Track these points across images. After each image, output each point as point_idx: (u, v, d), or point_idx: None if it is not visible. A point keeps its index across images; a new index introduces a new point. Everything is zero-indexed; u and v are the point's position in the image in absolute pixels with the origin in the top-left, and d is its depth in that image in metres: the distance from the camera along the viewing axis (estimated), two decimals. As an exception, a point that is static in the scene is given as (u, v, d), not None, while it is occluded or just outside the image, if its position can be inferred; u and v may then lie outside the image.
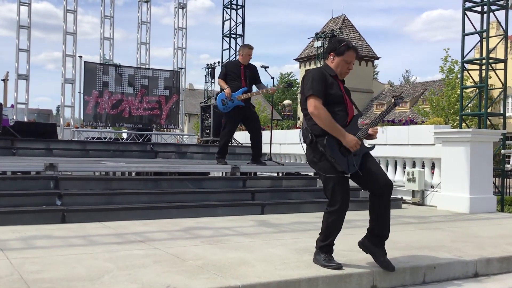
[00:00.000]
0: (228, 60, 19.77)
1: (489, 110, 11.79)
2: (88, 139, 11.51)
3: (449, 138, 8.18)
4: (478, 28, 11.75)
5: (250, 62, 7.76)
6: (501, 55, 12.28)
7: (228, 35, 20.59)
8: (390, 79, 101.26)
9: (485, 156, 8.08)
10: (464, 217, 7.20)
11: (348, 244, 4.12)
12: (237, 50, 16.11)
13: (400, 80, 70.73)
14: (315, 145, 3.81)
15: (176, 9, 14.39)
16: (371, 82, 46.85)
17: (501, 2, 11.34)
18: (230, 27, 20.52)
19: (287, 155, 11.91)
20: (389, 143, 9.20)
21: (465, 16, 11.60)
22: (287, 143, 11.62)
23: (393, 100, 4.07)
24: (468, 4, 11.54)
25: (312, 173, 8.16)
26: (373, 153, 4.02)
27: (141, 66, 13.45)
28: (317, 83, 3.77)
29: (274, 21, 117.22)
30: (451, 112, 26.45)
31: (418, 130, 9.11)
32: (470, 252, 4.61)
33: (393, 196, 8.22)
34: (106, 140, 11.75)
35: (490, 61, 11.58)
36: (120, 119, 12.13)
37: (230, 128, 7.86)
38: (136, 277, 3.36)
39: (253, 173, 8.46)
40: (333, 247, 3.90)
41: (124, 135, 13.86)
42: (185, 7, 14.38)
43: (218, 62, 24.86)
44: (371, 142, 4.05)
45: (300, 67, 46.73)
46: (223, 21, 20.85)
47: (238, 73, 7.63)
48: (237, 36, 20.42)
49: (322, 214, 3.94)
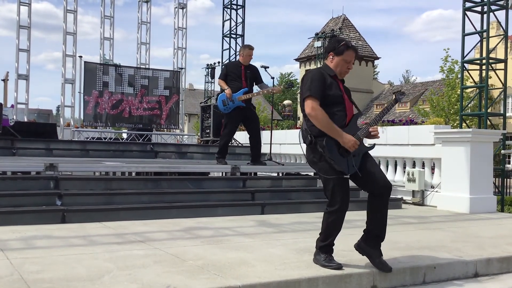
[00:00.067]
0: (229, 61, 19.78)
1: (489, 110, 11.79)
2: (88, 139, 11.50)
3: (449, 138, 8.18)
4: (478, 28, 11.76)
5: (251, 63, 7.76)
6: (501, 55, 12.29)
7: (228, 35, 20.59)
8: (390, 79, 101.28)
9: (485, 156, 8.08)
10: (464, 217, 7.20)
11: (348, 244, 4.12)
12: (238, 51, 16.12)
13: (400, 80, 70.87)
14: (315, 146, 3.80)
15: (176, 9, 14.39)
16: (371, 82, 46.85)
17: (501, 2, 11.34)
18: (230, 27, 20.52)
19: (287, 155, 11.91)
20: (389, 143, 9.20)
21: (465, 16, 11.61)
22: (287, 143, 11.62)
23: (394, 97, 4.01)
24: (468, 4, 11.55)
25: (312, 173, 8.16)
26: (373, 153, 4.02)
27: (141, 66, 13.45)
28: (316, 84, 3.76)
29: (274, 21, 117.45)
30: (451, 112, 26.46)
31: (418, 130, 9.12)
32: (470, 252, 4.61)
33: (393, 196, 8.25)
34: (106, 140, 11.75)
35: (490, 61, 11.58)
36: (120, 119, 12.12)
37: (231, 129, 7.86)
38: (136, 277, 3.36)
39: (253, 173, 8.46)
40: (333, 247, 3.91)
41: (124, 135, 13.85)
42: (185, 7, 14.38)
43: (218, 62, 24.87)
44: (372, 141, 4.05)
45: (300, 67, 46.72)
46: (223, 21, 20.86)
47: (239, 74, 7.62)
48: (237, 36, 20.42)
49: (322, 214, 3.94)
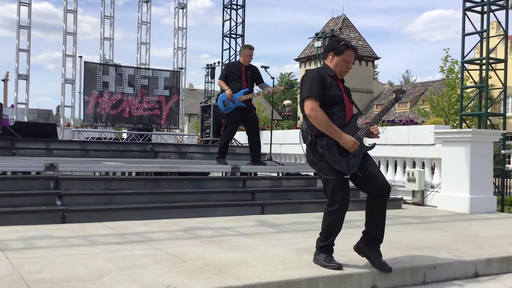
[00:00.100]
0: (229, 61, 19.79)
1: (489, 110, 11.79)
2: (88, 139, 11.50)
3: (449, 138, 8.18)
4: (478, 28, 11.76)
5: (251, 63, 7.75)
6: (501, 55, 12.28)
7: (228, 35, 20.59)
8: (390, 79, 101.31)
9: (485, 156, 8.08)
10: (464, 217, 7.20)
11: (348, 244, 4.11)
12: (238, 51, 16.12)
13: (400, 80, 70.86)
14: (315, 146, 3.80)
15: (176, 9, 14.39)
16: (371, 82, 46.85)
17: (501, 2, 11.34)
18: (230, 27, 20.53)
19: (287, 155, 11.91)
20: (389, 143, 9.20)
21: (465, 16, 11.61)
22: (287, 143, 11.62)
23: (395, 95, 3.95)
24: (468, 4, 11.55)
25: (312, 173, 8.16)
26: (373, 153, 4.02)
27: (141, 66, 13.44)
28: (315, 85, 3.76)
29: (274, 21, 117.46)
30: (451, 112, 26.45)
31: (418, 130, 9.11)
32: (470, 252, 4.61)
33: (393, 196, 8.26)
34: (106, 140, 11.75)
35: (490, 61, 11.58)
36: (120, 119, 12.12)
37: (231, 129, 7.86)
38: (136, 277, 3.36)
39: (253, 173, 8.46)
40: (333, 247, 3.91)
41: (124, 135, 13.84)
42: (185, 7, 14.38)
43: (218, 62, 24.88)
44: (372, 141, 4.04)
45: (300, 67, 46.71)
46: (223, 21, 20.87)
47: (239, 74, 7.61)
48: (237, 36, 20.43)
49: (322, 214, 3.95)
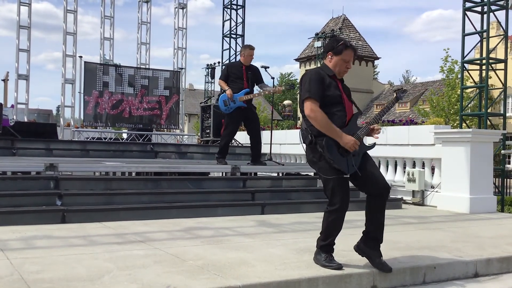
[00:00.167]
0: (229, 61, 19.79)
1: (489, 110, 11.79)
2: (88, 139, 11.50)
3: (449, 138, 8.18)
4: (478, 28, 11.76)
5: (252, 63, 7.75)
6: (501, 55, 12.28)
7: (228, 35, 20.60)
8: (390, 79, 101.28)
9: (485, 156, 8.08)
10: (464, 217, 7.20)
11: (348, 244, 4.11)
12: (238, 51, 16.12)
13: (400, 80, 70.86)
14: (315, 146, 3.81)
15: (176, 9, 14.39)
16: (371, 82, 46.84)
17: (501, 2, 11.35)
18: (230, 27, 20.54)
19: (287, 155, 11.91)
20: (389, 143, 9.20)
21: (465, 16, 11.62)
22: (287, 143, 11.62)
23: (395, 95, 3.94)
24: (468, 4, 11.55)
25: (312, 173, 8.16)
26: (373, 153, 4.02)
27: (141, 66, 13.44)
28: (314, 85, 3.76)
29: (274, 21, 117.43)
30: (451, 112, 26.45)
31: (418, 130, 9.11)
32: (470, 252, 4.61)
33: (393, 196, 8.27)
34: (106, 140, 11.75)
35: (490, 61, 11.58)
36: (120, 119, 12.12)
37: (232, 129, 7.86)
38: (136, 277, 3.36)
39: (253, 173, 8.46)
40: (334, 247, 3.91)
41: (124, 135, 13.84)
42: (185, 7, 14.37)
43: (218, 62, 24.87)
44: (373, 139, 4.04)
45: (300, 67, 46.71)
46: (223, 21, 20.88)
47: (240, 74, 7.60)
48: (237, 36, 20.43)
49: (322, 214, 3.95)
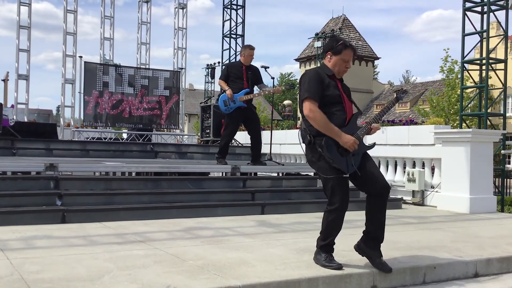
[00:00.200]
0: (229, 61, 19.78)
1: (489, 110, 11.79)
2: (88, 139, 11.50)
3: (449, 138, 8.18)
4: (478, 28, 11.76)
5: (252, 64, 7.74)
6: (501, 55, 12.28)
7: (228, 35, 20.60)
8: (390, 79, 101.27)
9: (485, 156, 8.08)
10: (464, 217, 7.20)
11: (348, 244, 4.12)
12: (238, 51, 16.12)
13: (400, 80, 70.87)
14: (314, 146, 3.81)
15: (176, 9, 14.38)
16: (371, 82, 46.84)
17: (501, 2, 11.35)
18: (230, 27, 20.54)
19: (287, 155, 11.91)
20: (389, 143, 9.20)
21: (465, 16, 11.61)
22: (287, 143, 11.62)
23: (396, 95, 3.95)
24: (468, 4, 11.55)
25: (312, 173, 8.16)
26: (373, 153, 4.02)
27: (141, 66, 13.44)
28: (313, 85, 3.76)
29: (274, 21, 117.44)
30: (451, 112, 26.46)
31: (418, 130, 9.11)
32: (470, 252, 4.61)
33: (393, 196, 8.27)
34: (106, 140, 11.75)
35: (490, 61, 11.58)
36: (120, 119, 12.12)
37: (232, 129, 7.86)
38: (136, 277, 3.36)
39: (253, 173, 8.46)
40: (334, 247, 3.91)
41: (124, 135, 13.84)
42: (185, 7, 14.37)
43: (218, 62, 24.88)
44: (372, 141, 4.04)
45: (300, 67, 46.70)
46: (223, 21, 20.88)
47: (240, 75, 7.59)
48: (237, 36, 20.43)
49: (322, 214, 3.95)
